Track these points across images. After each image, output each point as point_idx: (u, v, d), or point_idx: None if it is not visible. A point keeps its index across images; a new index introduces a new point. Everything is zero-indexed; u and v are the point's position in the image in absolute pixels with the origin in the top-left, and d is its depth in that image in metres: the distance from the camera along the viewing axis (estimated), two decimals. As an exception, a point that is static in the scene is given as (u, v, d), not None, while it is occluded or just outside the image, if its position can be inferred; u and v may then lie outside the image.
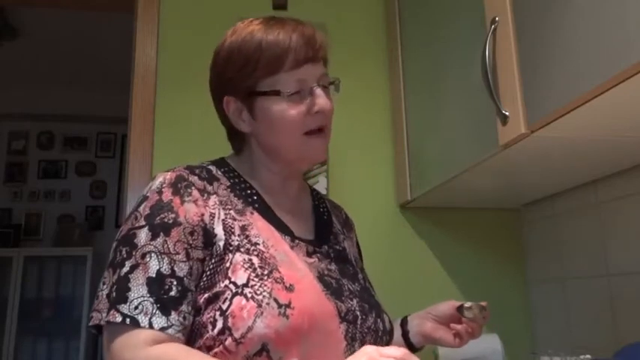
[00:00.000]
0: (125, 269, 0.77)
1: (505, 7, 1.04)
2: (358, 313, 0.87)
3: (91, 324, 0.77)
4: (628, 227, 1.25)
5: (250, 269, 0.80)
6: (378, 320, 0.91)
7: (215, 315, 0.77)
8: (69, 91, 4.02)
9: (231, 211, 0.86)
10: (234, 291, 0.77)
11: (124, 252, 0.79)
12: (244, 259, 0.81)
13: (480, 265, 1.65)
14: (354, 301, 0.88)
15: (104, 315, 0.75)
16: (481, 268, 1.64)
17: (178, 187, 0.84)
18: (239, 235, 0.83)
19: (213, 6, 1.71)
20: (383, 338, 0.90)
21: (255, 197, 0.91)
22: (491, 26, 1.06)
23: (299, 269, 0.85)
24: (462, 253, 1.65)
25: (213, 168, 0.92)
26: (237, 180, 0.92)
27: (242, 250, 0.82)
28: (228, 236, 0.82)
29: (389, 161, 1.68)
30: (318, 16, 1.73)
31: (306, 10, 1.73)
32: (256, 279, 0.79)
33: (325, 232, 1.00)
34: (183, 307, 0.77)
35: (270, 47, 0.87)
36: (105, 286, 0.78)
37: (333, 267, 0.92)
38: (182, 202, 0.82)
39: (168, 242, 0.79)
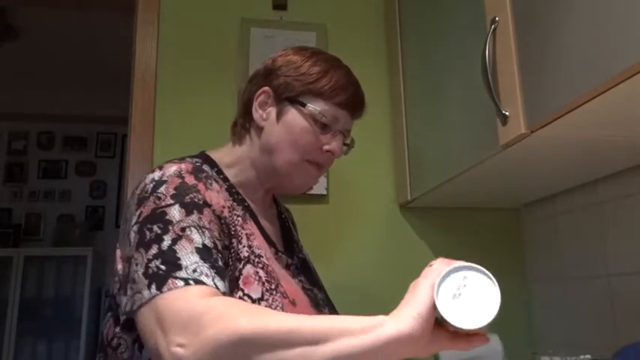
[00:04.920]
0: (166, 242, 0.71)
1: (505, 7, 1.04)
2: None
3: (137, 305, 0.68)
4: (628, 227, 1.25)
5: (260, 283, 0.80)
6: None
7: None
8: (69, 91, 4.02)
9: (239, 217, 0.86)
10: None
11: (156, 229, 0.73)
12: (254, 272, 0.81)
13: (480, 265, 1.64)
14: (326, 309, 0.93)
15: (150, 292, 0.67)
16: (481, 268, 1.64)
17: (199, 175, 0.82)
18: (246, 245, 0.83)
19: (214, 6, 1.71)
20: None
21: (246, 204, 0.91)
22: (491, 26, 1.06)
23: (292, 283, 0.88)
24: (462, 253, 1.63)
25: (207, 167, 0.90)
26: (228, 183, 0.92)
27: (251, 261, 0.82)
28: (238, 242, 0.82)
29: (389, 161, 1.68)
30: (318, 16, 1.73)
31: (306, 11, 1.73)
32: (267, 293, 0.79)
33: (290, 241, 1.02)
34: (226, 282, 0.74)
35: (334, 77, 0.93)
36: (139, 267, 0.71)
37: (302, 277, 0.95)
38: (206, 189, 0.80)
39: (203, 219, 0.75)
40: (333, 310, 0.95)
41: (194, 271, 0.68)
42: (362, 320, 0.62)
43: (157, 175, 0.81)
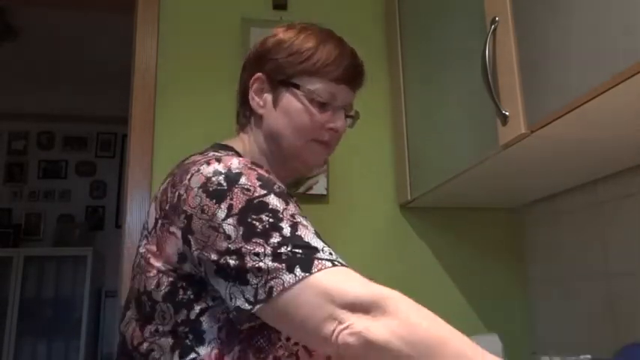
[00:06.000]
0: (286, 230, 0.68)
1: (505, 7, 1.04)
2: None
3: (277, 291, 0.64)
4: (628, 227, 1.25)
5: None
6: None
7: None
8: (69, 91, 4.02)
9: None
10: None
11: (265, 218, 0.69)
12: None
13: (480, 265, 1.65)
14: None
15: (294, 275, 0.64)
16: (481, 268, 1.64)
17: (262, 168, 0.79)
18: None
19: (214, 6, 1.71)
20: None
21: None
22: (491, 26, 1.06)
23: None
24: (461, 253, 1.65)
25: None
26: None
27: None
28: None
29: (389, 161, 1.68)
30: (318, 15, 1.72)
31: (306, 10, 1.73)
32: None
33: None
34: None
35: (325, 52, 0.90)
36: (261, 257, 0.67)
37: None
38: (277, 180, 0.79)
39: (298, 208, 0.75)
40: None
41: (330, 252, 0.68)
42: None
43: (219, 167, 0.75)
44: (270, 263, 0.66)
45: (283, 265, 0.65)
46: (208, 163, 0.76)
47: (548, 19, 0.93)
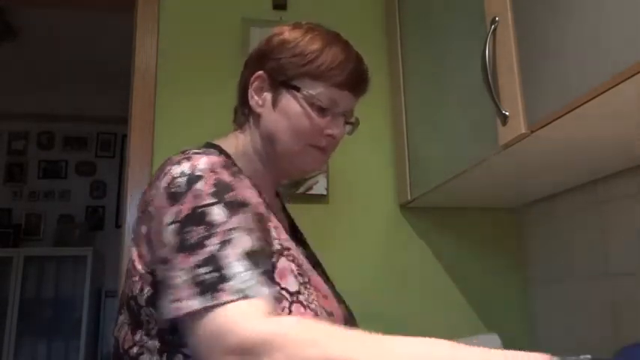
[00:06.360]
0: (213, 248, 0.66)
1: (505, 7, 1.04)
2: (347, 314, 0.90)
3: (178, 314, 0.64)
4: (628, 227, 1.25)
5: (294, 275, 0.77)
6: (353, 319, 0.94)
7: None
8: (69, 91, 4.02)
9: (265, 212, 0.81)
10: (290, 299, 0.74)
11: (199, 231, 0.67)
12: (288, 265, 0.78)
13: (480, 265, 1.65)
14: (340, 303, 0.91)
15: (198, 301, 0.63)
16: (481, 268, 1.64)
17: (233, 170, 0.77)
18: (276, 238, 0.80)
19: (214, 5, 1.71)
20: None
21: (263, 196, 0.86)
22: (491, 26, 1.06)
23: (318, 275, 0.85)
24: (461, 253, 1.65)
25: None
26: (241, 176, 0.86)
27: (284, 254, 0.79)
28: (270, 237, 0.79)
29: (389, 161, 1.68)
30: (318, 16, 1.71)
31: (306, 10, 1.73)
32: (302, 287, 0.77)
33: (298, 233, 1.00)
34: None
35: (331, 56, 0.87)
36: (182, 272, 0.66)
37: (319, 271, 0.93)
38: (242, 186, 0.76)
39: (248, 220, 0.71)
40: (346, 305, 0.94)
41: (244, 281, 0.64)
42: (481, 355, 0.59)
43: (185, 167, 0.74)
44: (185, 283, 0.65)
45: (195, 288, 0.64)
46: (179, 163, 0.75)
47: (548, 19, 0.93)
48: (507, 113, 1.02)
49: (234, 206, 0.71)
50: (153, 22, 1.65)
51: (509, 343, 1.41)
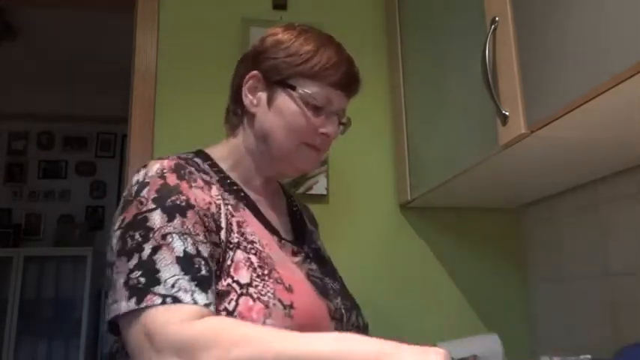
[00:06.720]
0: (146, 252, 0.71)
1: (505, 7, 1.04)
2: (343, 311, 0.90)
3: (112, 316, 0.69)
4: (628, 227, 1.25)
5: (251, 268, 0.79)
6: (359, 317, 0.94)
7: (220, 315, 0.74)
8: (69, 91, 4.02)
9: (228, 206, 0.84)
10: (239, 291, 0.76)
11: (137, 236, 0.72)
12: (245, 258, 0.80)
13: (480, 265, 1.65)
14: (338, 299, 0.91)
15: (128, 304, 0.67)
16: (481, 268, 1.64)
17: (182, 173, 0.81)
18: (237, 232, 0.82)
19: (214, 5, 1.71)
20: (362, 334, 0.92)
21: (242, 194, 0.90)
22: (491, 26, 1.06)
23: (292, 270, 0.86)
24: (461, 253, 1.65)
25: (199, 160, 0.90)
26: (222, 175, 0.91)
27: (241, 247, 0.80)
28: (229, 232, 0.81)
29: (389, 161, 1.68)
30: (318, 16, 1.73)
31: (306, 10, 1.73)
32: (258, 279, 0.78)
33: (302, 231, 1.01)
34: (213, 287, 0.73)
35: (325, 57, 0.90)
36: (120, 275, 0.71)
37: (314, 266, 0.93)
38: (190, 187, 0.79)
39: (187, 223, 0.74)
40: (347, 301, 0.94)
41: (173, 286, 0.68)
42: (374, 347, 0.63)
43: (140, 175, 0.80)
44: (121, 286, 0.70)
45: (127, 292, 0.69)
46: (138, 172, 0.82)
47: (548, 19, 0.93)
48: (507, 113, 1.02)
49: (174, 210, 0.74)
50: (153, 22, 1.65)
51: (509, 343, 1.41)
